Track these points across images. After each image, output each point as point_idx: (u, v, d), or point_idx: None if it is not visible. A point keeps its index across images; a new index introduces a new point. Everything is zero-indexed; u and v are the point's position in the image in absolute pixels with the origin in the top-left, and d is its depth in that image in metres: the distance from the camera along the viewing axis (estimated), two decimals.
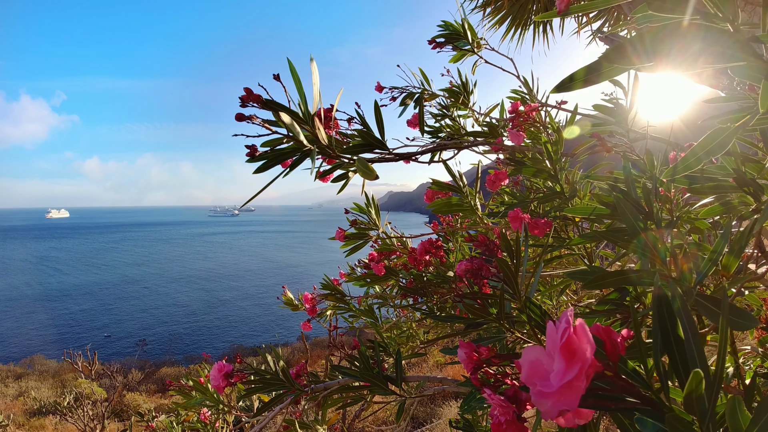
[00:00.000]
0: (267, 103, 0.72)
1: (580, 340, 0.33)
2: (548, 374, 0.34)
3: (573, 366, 0.32)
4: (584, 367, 0.32)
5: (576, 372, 0.32)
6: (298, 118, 0.75)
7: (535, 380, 0.35)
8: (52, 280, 42.85)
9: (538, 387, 0.34)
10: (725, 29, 0.43)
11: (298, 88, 0.73)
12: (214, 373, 1.25)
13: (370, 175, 0.79)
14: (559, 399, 0.32)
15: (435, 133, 1.77)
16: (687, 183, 0.74)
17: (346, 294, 2.02)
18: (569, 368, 0.33)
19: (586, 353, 0.33)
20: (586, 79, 0.53)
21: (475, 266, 0.72)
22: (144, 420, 2.93)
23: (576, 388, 0.32)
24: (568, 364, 0.33)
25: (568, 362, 0.33)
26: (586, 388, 0.33)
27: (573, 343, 0.33)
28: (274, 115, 0.73)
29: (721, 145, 0.51)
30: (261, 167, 0.77)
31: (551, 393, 0.33)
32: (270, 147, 0.77)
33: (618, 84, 1.16)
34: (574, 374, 0.32)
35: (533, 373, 0.35)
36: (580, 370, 0.32)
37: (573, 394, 0.32)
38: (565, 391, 0.32)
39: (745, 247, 0.62)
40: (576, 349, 0.33)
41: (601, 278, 0.57)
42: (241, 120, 0.71)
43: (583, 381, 0.32)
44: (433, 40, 1.87)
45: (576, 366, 0.32)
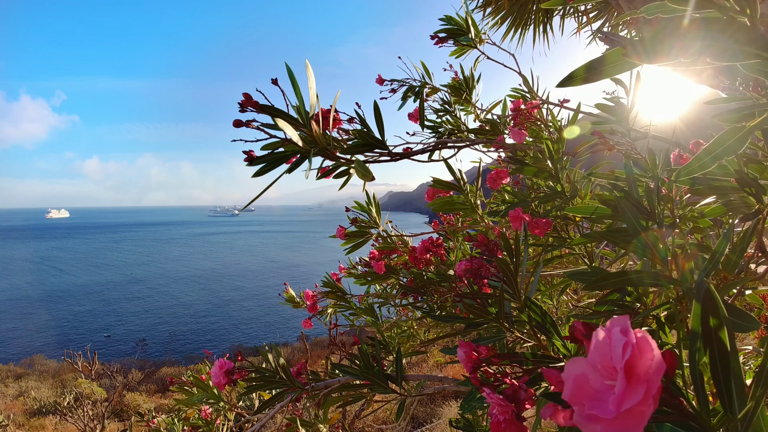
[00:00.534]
0: (264, 109, 0.72)
1: (643, 355, 0.29)
2: (596, 392, 0.30)
3: (637, 388, 0.28)
4: (651, 390, 0.28)
5: (641, 396, 0.28)
6: (296, 122, 0.76)
7: (583, 400, 0.30)
8: (53, 280, 42.88)
9: (588, 410, 0.29)
10: (732, 25, 0.42)
11: (295, 92, 0.74)
12: (215, 370, 1.25)
13: (367, 177, 0.79)
14: (617, 426, 0.28)
15: (435, 128, 1.77)
16: (689, 183, 0.74)
17: (346, 292, 2.02)
18: (632, 390, 0.28)
19: (654, 373, 0.28)
20: (586, 76, 0.53)
21: (474, 266, 0.72)
22: (144, 420, 2.93)
23: (640, 415, 0.28)
24: (631, 386, 0.28)
25: (630, 383, 0.28)
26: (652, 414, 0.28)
27: (635, 360, 0.29)
28: (272, 119, 0.73)
29: (730, 148, 0.50)
30: (260, 171, 0.77)
31: (608, 419, 0.28)
32: (269, 150, 0.77)
33: (620, 83, 1.15)
34: (639, 398, 0.28)
35: (579, 391, 0.30)
36: (646, 393, 0.28)
37: (635, 421, 0.28)
38: (625, 417, 0.28)
39: (746, 247, 0.62)
40: (639, 367, 0.29)
41: (601, 279, 0.56)
42: (239, 126, 0.72)
43: (650, 406, 0.28)
44: (436, 35, 1.87)
45: (641, 388, 0.28)
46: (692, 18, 0.45)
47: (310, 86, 0.74)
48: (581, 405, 0.30)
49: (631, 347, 0.29)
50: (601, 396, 0.30)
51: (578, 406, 0.30)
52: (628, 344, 0.29)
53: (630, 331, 0.30)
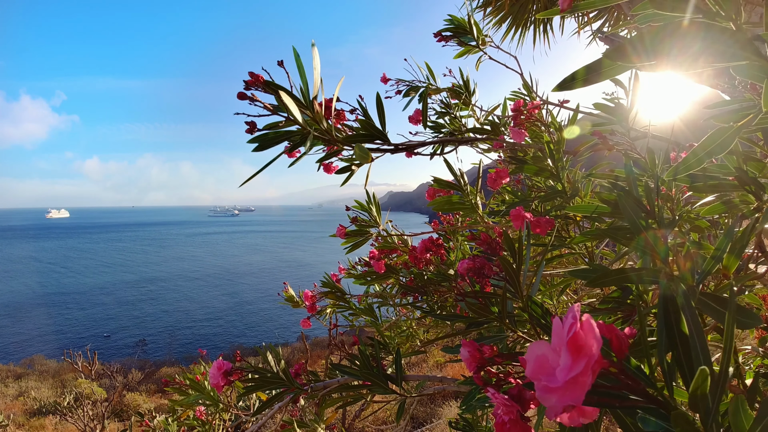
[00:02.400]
0: (268, 85, 0.72)
1: (586, 335, 0.33)
2: (554, 370, 0.34)
3: (579, 361, 0.32)
4: (590, 362, 0.32)
5: (582, 367, 0.32)
6: (299, 102, 0.76)
7: (541, 376, 0.35)
8: (53, 280, 42.86)
9: (543, 382, 0.34)
10: (727, 28, 0.43)
11: (300, 74, 0.74)
12: (213, 371, 1.25)
13: (366, 158, 0.79)
14: (565, 394, 0.32)
15: (437, 128, 1.78)
16: (688, 182, 0.74)
17: (346, 292, 2.02)
18: (575, 363, 0.32)
19: (593, 348, 0.33)
20: (586, 78, 0.53)
21: (477, 265, 0.72)
22: (143, 419, 2.92)
23: (582, 384, 0.32)
24: (574, 360, 0.33)
25: (574, 357, 0.33)
26: (591, 384, 0.32)
27: (579, 339, 0.33)
28: (276, 98, 0.73)
29: (722, 145, 0.51)
30: (261, 146, 0.77)
31: (556, 388, 0.33)
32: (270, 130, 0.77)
33: (619, 83, 1.15)
34: (580, 369, 0.32)
35: (539, 369, 0.35)
36: (586, 365, 0.32)
37: (579, 390, 0.32)
38: (570, 386, 0.32)
39: (746, 246, 0.62)
40: (582, 345, 0.33)
41: (602, 276, 0.57)
42: (243, 98, 0.72)
43: (589, 376, 0.32)
44: (439, 33, 1.87)
45: (582, 361, 0.32)
46: (691, 19, 0.45)
47: (314, 67, 0.75)
48: (539, 380, 0.35)
49: (575, 327, 0.33)
50: (554, 372, 0.34)
51: (537, 381, 0.35)
52: (573, 325, 0.34)
53: (577, 316, 0.34)
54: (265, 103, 0.74)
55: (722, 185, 0.72)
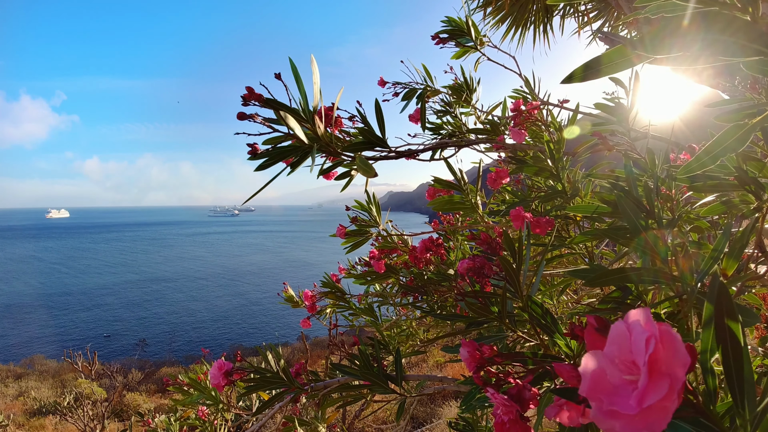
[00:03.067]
0: (268, 102, 0.72)
1: (666, 349, 0.28)
2: (614, 387, 0.29)
3: (661, 383, 0.27)
4: (676, 385, 0.27)
5: (666, 391, 0.26)
6: (299, 116, 0.76)
7: (601, 396, 0.29)
8: (56, 279, 42.86)
9: (608, 406, 0.28)
10: (733, 24, 0.41)
11: (299, 87, 0.73)
12: (213, 371, 1.25)
13: (370, 173, 0.79)
14: (638, 422, 0.27)
15: (436, 130, 1.77)
16: (688, 181, 0.74)
17: (346, 292, 2.02)
18: (655, 385, 0.27)
19: (678, 367, 0.27)
20: (584, 75, 0.53)
21: (477, 264, 0.72)
22: (143, 420, 2.93)
23: (663, 410, 0.27)
24: (654, 381, 0.27)
25: (652, 378, 0.27)
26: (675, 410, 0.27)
27: (658, 353, 0.28)
28: (275, 113, 0.73)
29: (738, 141, 0.50)
30: (262, 165, 0.77)
31: (630, 415, 0.27)
32: (271, 145, 0.77)
33: (619, 83, 1.16)
34: (663, 394, 0.26)
35: (597, 386, 0.29)
36: (670, 388, 0.27)
37: (659, 417, 0.27)
38: (648, 413, 0.27)
39: (746, 246, 0.62)
40: (662, 361, 0.27)
41: (602, 276, 0.57)
42: (243, 119, 0.72)
43: (673, 402, 0.27)
44: (437, 36, 1.87)
45: (664, 383, 0.27)
46: (692, 17, 0.45)
47: (314, 81, 0.74)
48: (599, 401, 0.29)
49: (654, 340, 0.28)
50: (619, 391, 0.28)
51: (596, 401, 0.29)
52: (651, 337, 0.28)
53: (652, 323, 0.28)
54: (266, 122, 0.74)
55: (722, 185, 0.72)
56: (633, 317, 0.29)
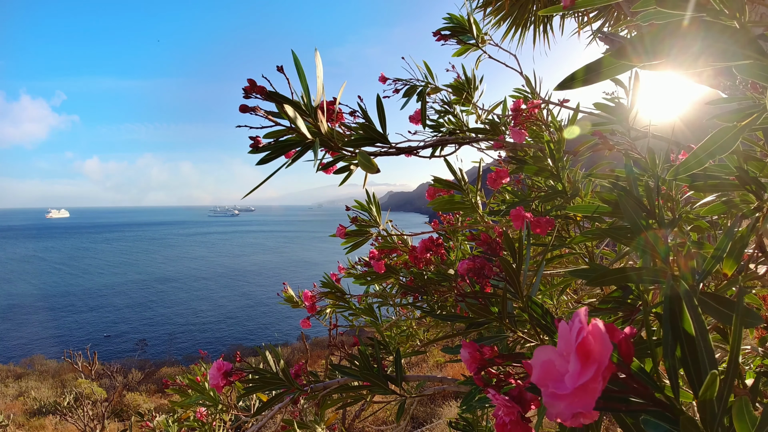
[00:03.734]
0: (270, 95, 0.72)
1: (595, 340, 0.32)
2: (561, 375, 0.33)
3: (589, 367, 0.32)
4: (601, 368, 0.31)
5: (592, 373, 0.31)
6: (301, 110, 0.75)
7: (548, 382, 0.34)
8: (59, 279, 42.86)
9: (551, 389, 0.33)
10: (730, 26, 0.42)
11: (301, 80, 0.73)
12: (212, 372, 1.25)
13: (371, 169, 0.78)
14: (574, 401, 0.32)
15: (437, 128, 1.77)
16: (689, 181, 0.73)
17: (346, 292, 2.02)
18: (585, 370, 0.32)
19: (603, 354, 0.32)
20: (585, 78, 0.53)
21: (477, 265, 0.72)
22: (143, 420, 2.93)
23: (592, 391, 0.31)
24: (584, 366, 0.32)
25: (583, 363, 0.32)
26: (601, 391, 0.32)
27: (588, 344, 0.32)
28: (277, 107, 0.72)
29: (724, 145, 0.51)
30: (264, 159, 0.77)
31: (565, 395, 0.32)
32: (273, 139, 0.76)
33: (619, 83, 1.15)
34: (590, 376, 0.31)
35: (545, 374, 0.34)
36: (596, 371, 0.31)
37: (589, 397, 0.31)
38: (580, 393, 0.31)
39: (746, 246, 0.62)
40: (591, 350, 0.32)
41: (602, 276, 0.56)
42: (245, 111, 0.71)
43: (599, 383, 0.31)
44: (438, 32, 1.87)
45: (592, 367, 0.31)
46: (693, 18, 0.45)
47: (318, 75, 0.74)
48: (546, 386, 0.34)
49: (584, 332, 0.33)
50: (562, 378, 0.33)
51: (544, 387, 0.34)
52: (582, 329, 0.33)
53: (584, 319, 0.33)
54: (268, 115, 0.74)
55: (723, 185, 0.72)
56: (575, 315, 0.34)
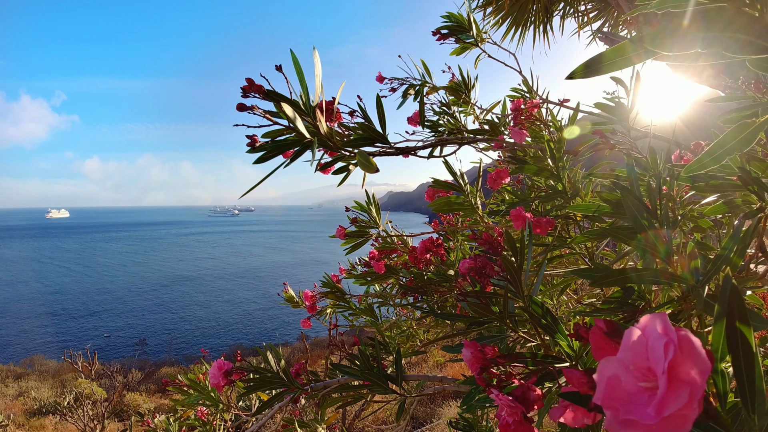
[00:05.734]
0: (268, 94, 0.71)
1: (686, 355, 0.26)
2: (629, 395, 0.28)
3: (681, 391, 0.26)
4: (696, 393, 0.26)
5: (686, 399, 0.25)
6: (300, 110, 0.75)
7: (617, 404, 0.28)
8: (55, 279, 42.84)
9: (624, 415, 0.27)
10: (750, 15, 0.40)
11: (300, 80, 0.73)
12: (213, 371, 1.25)
13: (371, 168, 0.78)
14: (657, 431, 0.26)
15: (435, 128, 1.77)
16: (690, 181, 0.73)
17: (346, 292, 2.02)
18: (676, 394, 0.26)
19: (699, 374, 0.26)
20: (586, 72, 0.53)
21: (478, 264, 0.72)
22: (143, 419, 2.92)
23: (683, 419, 0.26)
24: (673, 389, 0.26)
25: (672, 386, 0.26)
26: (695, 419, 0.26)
27: (677, 360, 0.26)
28: (276, 106, 0.72)
29: (744, 141, 0.50)
30: (261, 158, 0.76)
31: (649, 425, 0.26)
32: (271, 138, 0.76)
33: (620, 82, 1.15)
34: (683, 402, 0.25)
35: (613, 394, 0.28)
36: (690, 396, 0.26)
37: (679, 426, 0.26)
38: (668, 423, 0.26)
39: (748, 246, 0.62)
40: (681, 368, 0.26)
41: (605, 276, 0.56)
42: (243, 110, 0.71)
43: (694, 410, 0.26)
44: (438, 31, 1.86)
45: (684, 391, 0.26)
46: (693, 17, 0.45)
47: (316, 74, 0.74)
48: (615, 409, 0.28)
49: (673, 346, 0.26)
50: (635, 399, 0.28)
51: (612, 410, 0.28)
52: (669, 343, 0.26)
53: (671, 329, 0.27)
54: (265, 114, 0.73)
55: (725, 185, 0.72)
56: (648, 322, 0.28)
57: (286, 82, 0.73)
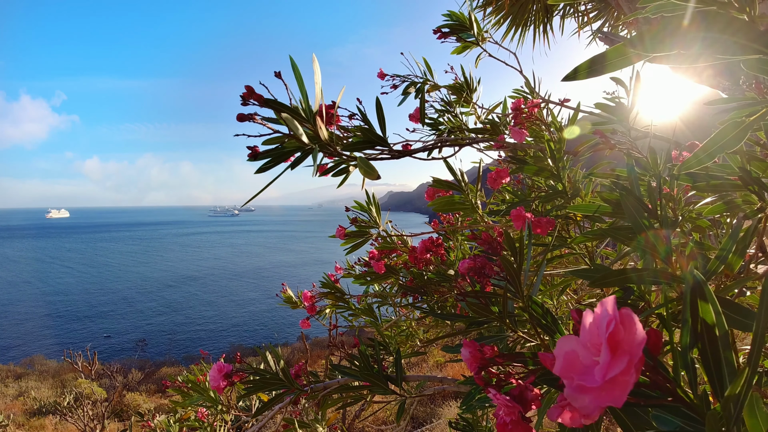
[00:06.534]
0: (268, 102, 0.72)
1: (627, 329, 0.31)
2: (585, 367, 0.32)
3: (620, 359, 0.30)
4: (634, 360, 0.30)
5: (624, 365, 0.29)
6: (300, 117, 0.75)
7: (572, 374, 0.32)
8: (56, 279, 42.87)
9: (577, 381, 0.31)
10: (740, 19, 0.42)
11: (299, 86, 0.73)
12: (213, 373, 1.25)
13: (372, 175, 0.78)
14: (602, 394, 0.30)
15: (435, 126, 1.77)
16: (691, 181, 0.73)
17: (345, 292, 2.02)
18: (616, 361, 0.30)
19: (636, 344, 0.30)
20: (588, 72, 0.53)
21: (478, 264, 0.72)
22: (143, 420, 2.92)
23: (623, 383, 0.30)
24: (614, 357, 0.30)
25: (614, 354, 0.30)
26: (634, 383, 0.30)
27: (619, 333, 0.30)
28: (276, 114, 0.72)
29: (735, 139, 0.51)
30: (263, 167, 0.76)
31: (593, 388, 0.30)
32: (271, 146, 0.76)
33: (620, 82, 1.15)
34: (622, 368, 0.29)
35: (569, 366, 0.32)
36: (629, 363, 0.29)
37: (620, 390, 0.30)
38: (610, 386, 0.30)
39: (748, 246, 0.62)
40: (622, 340, 0.30)
41: (605, 276, 0.56)
42: (243, 120, 0.71)
43: (632, 375, 0.30)
44: (439, 29, 1.86)
45: (623, 358, 0.30)
46: (693, 17, 0.45)
47: (316, 81, 0.74)
48: (571, 379, 0.32)
49: (614, 322, 0.31)
50: (589, 370, 0.31)
51: (568, 380, 0.32)
52: (612, 319, 0.31)
53: (614, 308, 0.31)
54: (266, 123, 0.74)
55: (725, 185, 0.72)
56: (601, 304, 0.33)
57: (286, 89, 0.73)
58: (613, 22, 3.92)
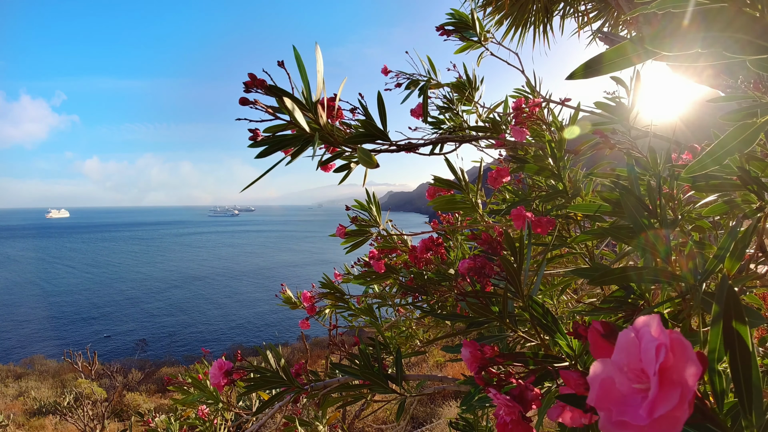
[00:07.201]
0: (271, 89, 0.72)
1: (677, 356, 0.26)
2: (623, 396, 0.28)
3: (671, 392, 0.26)
4: (687, 394, 0.26)
5: (677, 400, 0.26)
6: (301, 105, 0.75)
7: (610, 405, 0.28)
8: (54, 279, 42.88)
9: (617, 416, 0.27)
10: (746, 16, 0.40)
11: (302, 76, 0.73)
12: (213, 371, 1.25)
13: (371, 164, 0.78)
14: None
15: (438, 124, 1.77)
16: (690, 181, 0.73)
17: (345, 293, 2.02)
18: (665, 395, 0.26)
19: (690, 375, 0.26)
20: (586, 73, 0.53)
21: (478, 264, 0.72)
22: (143, 420, 2.93)
23: (674, 420, 0.26)
24: (665, 390, 0.26)
25: (663, 387, 0.26)
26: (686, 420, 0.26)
27: (669, 362, 0.26)
28: (278, 101, 0.72)
29: (745, 142, 0.49)
30: (263, 152, 0.77)
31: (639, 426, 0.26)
32: (272, 133, 0.76)
33: (620, 82, 1.15)
34: (674, 404, 0.25)
35: (606, 395, 0.28)
36: (681, 397, 0.26)
37: (670, 427, 0.26)
38: (659, 424, 0.26)
39: (748, 246, 0.62)
40: (672, 369, 0.26)
41: (605, 275, 0.56)
42: (245, 104, 0.71)
43: (685, 412, 0.26)
44: (442, 27, 1.87)
45: (674, 392, 0.26)
46: (693, 17, 0.45)
47: (318, 70, 0.74)
48: (608, 410, 0.28)
49: (665, 348, 0.26)
50: (628, 401, 0.28)
51: (605, 411, 0.28)
52: (661, 345, 0.27)
53: (663, 330, 0.27)
54: (267, 108, 0.74)
55: (724, 185, 0.72)
56: (642, 324, 0.28)
57: (288, 78, 0.73)
58: (613, 22, 3.92)
